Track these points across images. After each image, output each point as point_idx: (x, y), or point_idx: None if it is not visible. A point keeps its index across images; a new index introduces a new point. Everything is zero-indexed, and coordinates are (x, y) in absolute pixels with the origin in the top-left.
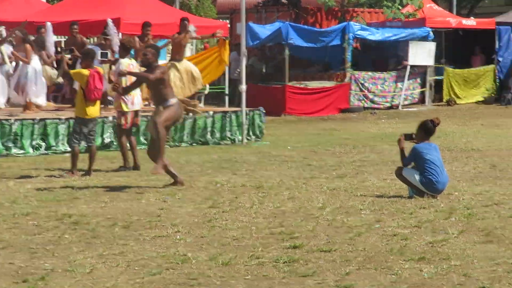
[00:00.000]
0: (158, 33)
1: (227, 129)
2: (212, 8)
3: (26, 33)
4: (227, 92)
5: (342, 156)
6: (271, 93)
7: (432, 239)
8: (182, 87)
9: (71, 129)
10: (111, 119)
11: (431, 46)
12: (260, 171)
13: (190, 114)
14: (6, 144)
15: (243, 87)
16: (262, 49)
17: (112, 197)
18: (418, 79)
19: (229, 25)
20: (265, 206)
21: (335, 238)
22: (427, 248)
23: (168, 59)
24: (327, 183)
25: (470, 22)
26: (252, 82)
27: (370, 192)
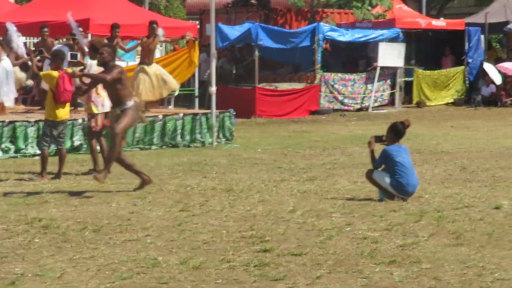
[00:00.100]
0: (127, 34)
1: (197, 132)
2: (181, 9)
3: None
4: (197, 94)
5: (313, 159)
6: (241, 95)
7: (403, 242)
8: (152, 91)
9: (41, 132)
10: (81, 122)
11: (401, 47)
12: (231, 174)
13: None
14: None
15: (213, 89)
16: (232, 50)
17: (82, 201)
18: (388, 81)
19: (199, 26)
20: (236, 210)
21: (306, 242)
22: (398, 251)
23: (138, 62)
24: (298, 186)
25: (440, 23)
26: (222, 84)
27: (341, 195)
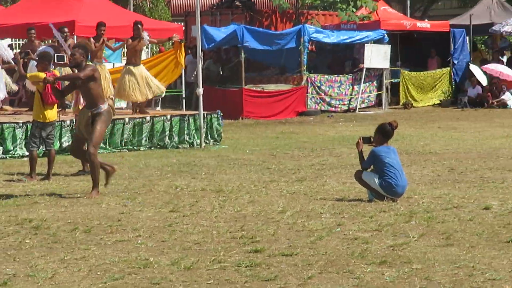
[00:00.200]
0: (113, 36)
1: (185, 133)
2: (166, 11)
3: None
4: (184, 96)
5: (301, 160)
6: (228, 96)
7: (393, 243)
8: (137, 92)
9: (29, 133)
10: (69, 123)
11: (386, 49)
12: (220, 175)
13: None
14: None
15: (200, 91)
16: (218, 52)
17: (72, 202)
18: (375, 82)
19: (184, 28)
20: (226, 210)
21: (297, 242)
22: (388, 252)
23: (124, 63)
24: (287, 187)
25: (425, 25)
26: (209, 85)
27: (330, 196)
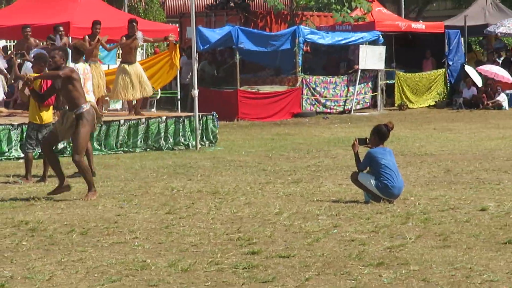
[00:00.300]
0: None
1: (181, 134)
2: (161, 12)
3: None
4: (179, 97)
5: (297, 161)
6: (224, 98)
7: (390, 244)
8: (131, 90)
9: (25, 135)
10: None
11: (381, 50)
12: (216, 177)
13: None
14: None
15: (195, 92)
16: (213, 53)
17: (69, 204)
18: (370, 83)
19: (179, 29)
20: (222, 212)
21: (293, 244)
22: (386, 253)
23: (119, 63)
24: (283, 189)
25: (419, 26)
26: (204, 87)
27: (326, 197)
